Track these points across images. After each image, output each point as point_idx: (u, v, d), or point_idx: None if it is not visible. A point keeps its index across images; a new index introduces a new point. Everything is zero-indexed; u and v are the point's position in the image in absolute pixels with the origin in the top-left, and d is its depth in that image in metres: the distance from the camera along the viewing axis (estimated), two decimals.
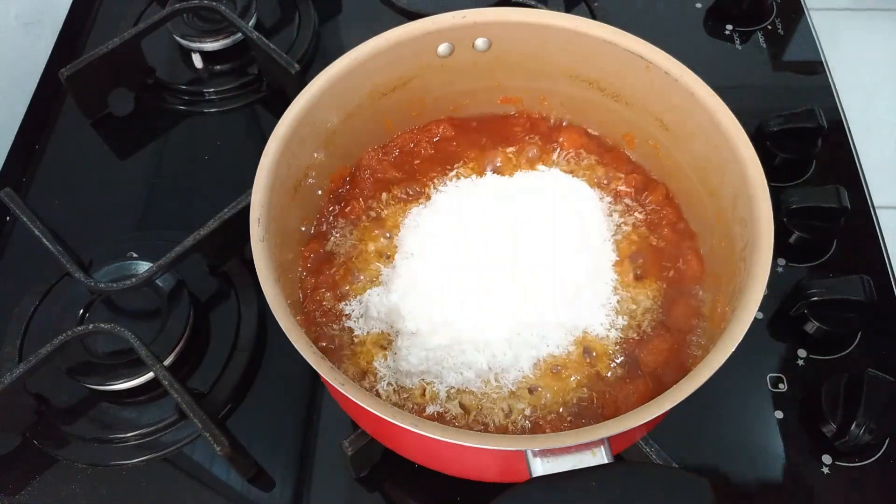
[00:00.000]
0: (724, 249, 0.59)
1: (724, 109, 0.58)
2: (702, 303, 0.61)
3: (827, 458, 0.64)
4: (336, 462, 0.64)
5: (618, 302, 0.61)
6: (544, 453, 0.45)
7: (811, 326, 0.68)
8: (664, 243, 0.64)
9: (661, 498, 0.43)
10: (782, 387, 0.67)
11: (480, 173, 0.69)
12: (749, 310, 0.49)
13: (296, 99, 0.60)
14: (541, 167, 0.69)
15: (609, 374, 0.58)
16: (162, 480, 0.64)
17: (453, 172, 0.70)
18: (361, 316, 0.62)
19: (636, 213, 0.66)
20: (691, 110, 0.60)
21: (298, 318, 0.59)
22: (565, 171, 0.68)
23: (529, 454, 0.45)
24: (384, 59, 0.64)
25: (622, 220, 0.66)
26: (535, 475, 0.45)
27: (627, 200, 0.67)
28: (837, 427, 0.63)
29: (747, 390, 0.67)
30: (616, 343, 0.59)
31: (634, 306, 0.61)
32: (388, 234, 0.66)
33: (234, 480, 0.64)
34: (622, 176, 0.68)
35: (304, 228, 0.66)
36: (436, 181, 0.69)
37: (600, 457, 0.45)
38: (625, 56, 0.63)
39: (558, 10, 0.83)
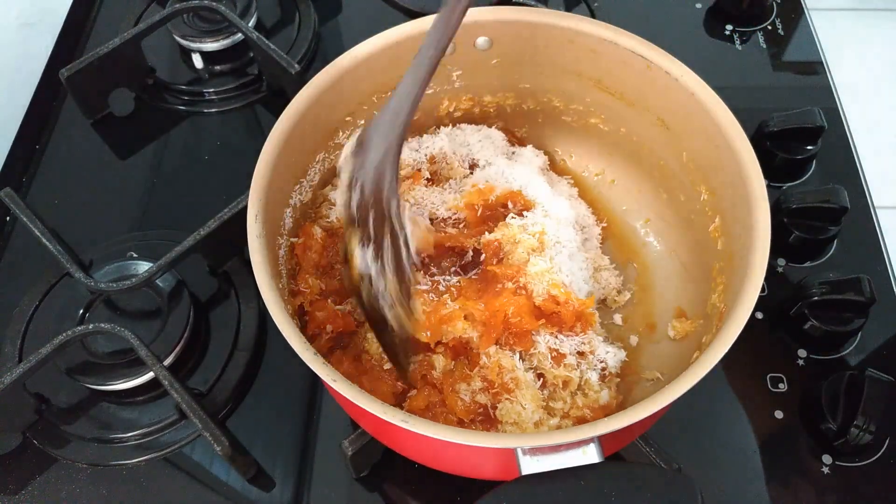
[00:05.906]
0: (723, 250, 0.59)
1: (724, 111, 0.58)
2: None
3: (827, 458, 0.64)
4: (336, 462, 0.64)
5: None
6: (534, 451, 0.45)
7: (811, 326, 0.68)
8: None
9: (648, 499, 0.42)
10: (782, 387, 0.67)
11: None
12: (744, 311, 0.49)
13: (296, 97, 0.60)
14: None
15: None
16: (162, 480, 0.64)
17: None
18: None
19: None
20: (692, 110, 0.60)
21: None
22: None
23: (519, 452, 0.45)
24: (385, 57, 0.64)
25: None
26: (524, 473, 0.44)
27: None
28: (837, 427, 0.63)
29: (747, 390, 0.67)
30: None
31: None
32: None
33: (234, 480, 0.64)
34: None
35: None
36: None
37: (590, 456, 0.45)
38: (625, 55, 0.63)
39: (559, 9, 0.83)
